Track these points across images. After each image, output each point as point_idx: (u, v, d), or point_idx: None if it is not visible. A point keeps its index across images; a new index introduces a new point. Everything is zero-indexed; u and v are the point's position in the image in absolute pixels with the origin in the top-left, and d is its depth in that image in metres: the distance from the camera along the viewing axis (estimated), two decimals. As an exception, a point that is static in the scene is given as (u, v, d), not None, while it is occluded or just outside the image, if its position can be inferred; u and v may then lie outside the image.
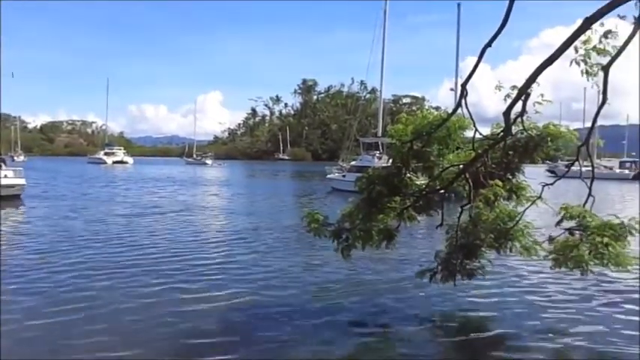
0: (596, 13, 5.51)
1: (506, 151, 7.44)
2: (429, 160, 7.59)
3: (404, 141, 7.46)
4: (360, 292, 9.56)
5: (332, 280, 10.36)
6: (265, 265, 11.74)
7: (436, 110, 9.30)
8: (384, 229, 7.76)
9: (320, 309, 8.51)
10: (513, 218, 7.36)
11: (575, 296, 9.46)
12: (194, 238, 15.31)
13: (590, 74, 6.02)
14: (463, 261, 7.73)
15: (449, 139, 7.51)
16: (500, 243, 7.40)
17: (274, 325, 7.70)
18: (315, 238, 7.98)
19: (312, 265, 11.70)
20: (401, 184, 7.59)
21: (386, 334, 7.59)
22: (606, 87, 6.13)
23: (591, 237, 6.90)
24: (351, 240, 7.71)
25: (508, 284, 10.21)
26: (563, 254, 7.21)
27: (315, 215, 7.71)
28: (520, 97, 6.36)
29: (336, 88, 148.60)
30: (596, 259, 6.91)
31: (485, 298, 9.20)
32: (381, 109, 44.77)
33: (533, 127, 7.31)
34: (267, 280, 10.38)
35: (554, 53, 5.80)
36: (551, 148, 7.37)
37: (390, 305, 8.82)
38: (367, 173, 7.87)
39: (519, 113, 6.77)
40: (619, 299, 9.36)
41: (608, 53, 5.87)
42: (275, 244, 14.63)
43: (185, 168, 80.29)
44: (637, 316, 8.43)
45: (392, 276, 10.83)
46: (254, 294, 9.29)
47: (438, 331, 7.97)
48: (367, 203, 7.48)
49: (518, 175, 7.74)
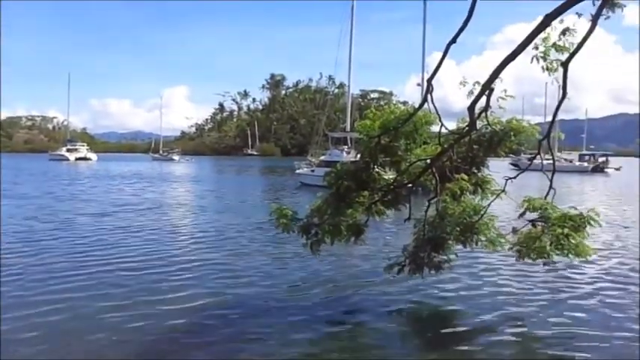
0: (556, 10, 5.67)
1: (472, 146, 7.60)
2: (396, 155, 7.65)
3: (371, 136, 7.50)
4: (328, 288, 9.58)
5: (300, 277, 10.35)
6: (234, 262, 11.62)
7: (403, 105, 9.38)
8: (352, 224, 7.80)
9: (289, 306, 8.47)
10: (478, 212, 7.52)
11: (539, 287, 9.72)
12: (164, 237, 15.01)
13: (550, 70, 6.20)
14: (430, 254, 7.86)
15: (416, 134, 7.59)
16: (466, 236, 7.55)
17: (243, 323, 7.63)
18: (284, 233, 7.98)
19: (280, 262, 11.65)
20: (369, 179, 7.64)
21: (354, 329, 7.59)
22: (565, 82, 6.33)
23: (552, 228, 7.13)
24: (320, 235, 7.72)
25: (474, 276, 10.42)
26: (526, 246, 7.43)
27: (284, 211, 7.68)
28: (484, 93, 6.50)
29: (304, 83, 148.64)
30: (558, 250, 7.16)
31: (452, 290, 9.36)
32: (350, 104, 44.94)
33: (497, 122, 7.48)
34: (236, 277, 10.28)
35: (515, 49, 5.94)
36: (514, 143, 7.56)
37: (358, 300, 8.87)
38: (336, 168, 7.88)
39: (483, 108, 6.93)
40: (581, 288, 9.69)
41: (566, 50, 6.05)
42: (244, 240, 14.51)
43: (151, 164, 78.75)
44: (602, 305, 8.75)
45: (361, 270, 10.90)
46: (223, 292, 9.18)
47: (406, 324, 8.07)
48: (336, 198, 7.50)
49: (483, 169, 7.91)
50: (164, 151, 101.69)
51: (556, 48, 6.21)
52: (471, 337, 7.25)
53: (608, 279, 10.35)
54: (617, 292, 9.43)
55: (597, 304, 8.73)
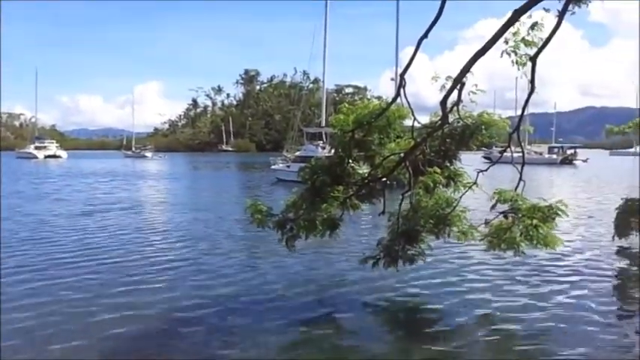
0: (524, 5, 5.79)
1: (444, 139, 7.70)
2: (370, 149, 7.70)
3: (345, 131, 7.53)
4: (304, 284, 9.61)
5: (277, 273, 10.35)
6: (210, 261, 11.54)
7: (378, 100, 9.44)
8: (327, 219, 7.84)
9: (265, 304, 8.45)
10: (451, 204, 7.65)
11: (510, 278, 9.95)
12: (141, 236, 14.72)
13: (519, 64, 6.33)
14: (405, 247, 7.96)
15: (389, 128, 7.65)
16: (439, 228, 7.67)
17: (219, 323, 7.59)
18: (260, 230, 7.97)
19: (256, 259, 11.63)
20: (344, 174, 7.69)
21: (330, 325, 7.63)
22: (534, 76, 6.48)
23: (522, 219, 7.30)
24: (295, 230, 7.74)
25: (447, 267, 10.59)
26: (497, 237, 7.60)
27: (259, 206, 7.67)
28: (455, 87, 6.59)
29: (278, 78, 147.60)
30: (527, 241, 7.33)
31: (427, 284, 9.50)
32: (324, 99, 44.95)
33: (468, 116, 7.60)
34: (212, 276, 10.20)
35: (486, 44, 6.05)
36: (486, 136, 7.69)
37: (334, 295, 8.92)
38: (310, 163, 7.90)
39: (455, 102, 7.03)
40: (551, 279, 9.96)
41: (535, 44, 6.19)
42: (220, 238, 14.40)
43: (124, 161, 77.30)
44: (570, 297, 9.00)
45: (337, 265, 10.96)
46: (199, 291, 9.11)
47: (382, 319, 8.15)
48: (311, 193, 7.52)
49: (456, 162, 8.03)
50: (136, 148, 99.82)
51: (525, 43, 6.34)
52: (447, 330, 7.37)
53: (575, 269, 10.67)
54: (585, 283, 9.74)
55: (566, 293, 9.00)
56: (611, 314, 8.04)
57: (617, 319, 7.87)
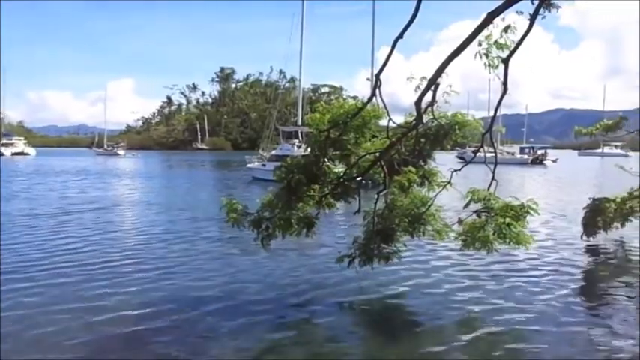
0: (497, 8, 5.90)
1: (419, 139, 7.81)
2: (346, 149, 7.74)
3: (321, 130, 7.55)
4: (280, 283, 9.57)
5: (252, 272, 10.28)
6: (186, 260, 11.37)
7: (354, 99, 9.49)
8: (303, 217, 7.85)
9: (240, 303, 8.37)
10: (426, 203, 7.74)
11: (483, 276, 10.12)
12: (114, 235, 14.44)
13: (492, 66, 6.44)
14: (380, 245, 8.02)
15: (365, 128, 7.70)
16: (414, 227, 7.75)
17: (194, 323, 7.50)
18: (236, 229, 7.91)
19: (232, 258, 11.53)
20: (319, 173, 7.71)
21: (307, 325, 7.62)
22: (506, 78, 6.61)
23: (495, 218, 7.43)
24: (270, 229, 7.72)
25: (422, 266, 10.70)
26: (471, 235, 7.70)
27: (234, 205, 7.62)
28: (430, 88, 6.68)
29: (254, 77, 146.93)
30: (500, 239, 7.46)
31: (402, 280, 9.59)
32: (301, 98, 44.90)
33: (442, 116, 7.71)
34: (187, 276, 10.07)
35: (459, 46, 6.15)
36: (459, 136, 7.82)
37: (310, 294, 8.91)
38: (286, 162, 7.89)
39: (430, 103, 7.13)
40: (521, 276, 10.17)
41: (507, 47, 6.31)
42: (196, 237, 14.23)
43: (95, 159, 75.70)
44: (541, 295, 9.21)
45: (312, 264, 10.96)
46: (174, 291, 9.00)
47: (358, 318, 8.15)
48: (286, 192, 7.51)
49: (430, 161, 8.15)
50: (109, 145, 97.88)
51: (497, 45, 6.47)
52: (422, 329, 7.44)
53: (546, 266, 10.91)
54: (556, 280, 9.97)
55: (537, 291, 9.19)
56: (581, 311, 8.25)
57: (586, 316, 8.07)
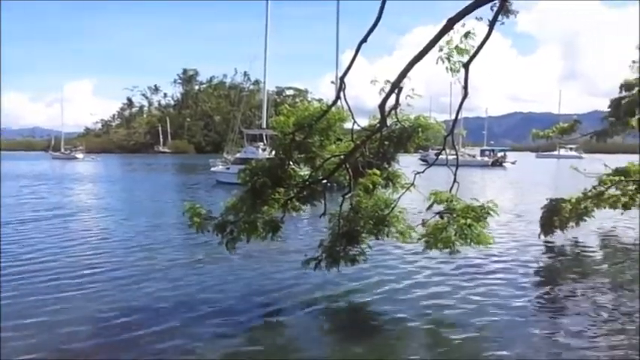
0: (458, 14, 6.04)
1: (383, 142, 7.89)
2: (310, 151, 7.75)
3: (286, 133, 7.53)
4: (246, 288, 9.49)
5: (217, 276, 10.17)
6: (149, 267, 11.13)
7: (319, 102, 9.53)
8: (269, 221, 7.80)
9: (206, 309, 8.24)
10: (390, 205, 7.83)
11: (446, 276, 10.32)
12: (74, 242, 13.95)
13: (453, 71, 6.58)
14: (346, 247, 8.06)
15: (329, 131, 7.74)
16: (378, 229, 7.84)
17: (159, 330, 7.33)
18: (201, 233, 7.79)
19: (196, 264, 11.34)
20: (284, 175, 7.68)
21: (273, 329, 7.59)
22: (467, 82, 6.77)
23: (457, 219, 7.58)
24: (235, 233, 7.64)
25: (386, 267, 10.82)
26: (433, 236, 7.83)
27: (197, 209, 7.51)
28: (393, 91, 6.77)
29: (218, 79, 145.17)
30: (462, 239, 7.62)
31: (367, 281, 9.66)
32: (265, 101, 44.67)
33: (406, 119, 7.83)
34: (151, 282, 9.86)
35: (421, 51, 6.26)
36: (422, 139, 7.96)
37: (277, 299, 8.87)
38: (250, 165, 7.84)
39: (393, 106, 7.21)
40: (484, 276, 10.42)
41: (467, 52, 6.46)
42: (158, 243, 13.93)
43: (53, 163, 73.04)
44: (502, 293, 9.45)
45: (278, 267, 10.90)
46: (138, 298, 8.81)
47: (324, 321, 8.15)
48: (251, 195, 7.46)
49: (394, 163, 8.25)
50: (66, 148, 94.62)
51: (458, 50, 6.62)
52: (386, 330, 7.52)
53: (506, 265, 11.23)
54: (515, 279, 10.28)
55: (498, 289, 9.44)
56: (538, 308, 8.52)
57: (543, 313, 8.33)
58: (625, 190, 13.37)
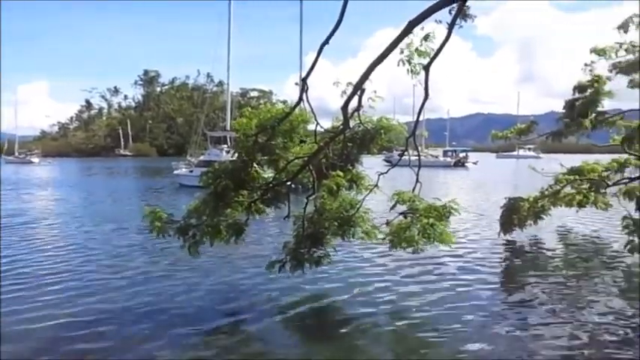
0: (417, 17, 6.12)
1: (346, 143, 7.94)
2: (274, 153, 7.72)
3: (249, 135, 7.47)
4: (211, 291, 9.35)
5: (181, 281, 9.96)
6: (111, 272, 10.80)
7: (283, 104, 9.49)
8: (232, 224, 7.72)
9: (169, 313, 8.10)
10: (354, 206, 7.88)
11: (410, 275, 10.45)
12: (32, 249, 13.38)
13: (413, 73, 6.68)
14: (311, 249, 8.06)
15: (293, 133, 7.72)
16: (343, 230, 7.87)
17: (124, 337, 7.15)
18: (163, 238, 7.63)
19: (160, 268, 11.10)
20: (248, 178, 7.62)
21: (239, 332, 7.48)
22: (427, 84, 6.88)
23: (420, 219, 7.70)
24: (198, 236, 7.52)
25: (351, 268, 10.87)
26: (397, 236, 7.94)
27: (158, 213, 7.35)
28: (355, 93, 6.81)
29: (181, 80, 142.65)
30: (425, 238, 7.74)
31: (332, 283, 9.68)
32: (229, 102, 44.23)
33: (368, 121, 7.90)
34: (111, 288, 9.58)
35: (382, 53, 6.32)
36: (385, 140, 8.05)
37: (240, 301, 8.78)
38: (213, 167, 7.73)
39: (356, 108, 7.26)
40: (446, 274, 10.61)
41: (427, 54, 6.57)
42: (120, 248, 13.56)
43: (6, 168, 70.05)
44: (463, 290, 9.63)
45: (243, 271, 10.78)
46: (99, 304, 8.55)
47: (289, 321, 8.10)
48: (214, 198, 7.36)
49: (358, 165, 8.31)
50: (20, 152, 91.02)
51: (418, 53, 6.72)
52: (352, 330, 7.50)
53: (467, 264, 11.46)
54: (477, 276, 10.50)
55: (460, 287, 9.63)
56: (499, 305, 8.72)
57: (504, 309, 8.52)
58: (579, 188, 13.87)
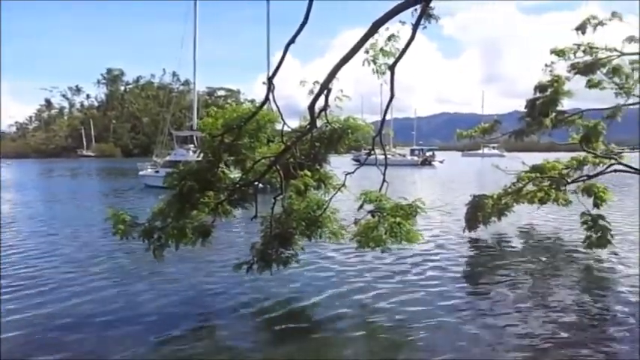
0: (382, 18, 6.15)
1: (313, 143, 7.92)
2: (240, 153, 7.63)
3: (214, 134, 7.36)
4: (177, 294, 9.17)
5: (147, 285, 9.76)
6: (74, 276, 10.50)
7: (251, 103, 9.39)
8: (198, 226, 7.60)
9: (134, 317, 7.93)
10: (322, 206, 7.86)
11: (379, 274, 10.52)
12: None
13: (379, 72, 6.71)
14: (278, 250, 8.00)
15: (260, 132, 7.65)
16: (311, 230, 7.84)
17: (88, 342, 6.96)
18: (127, 240, 7.44)
19: (125, 272, 10.84)
20: (214, 179, 7.51)
21: (207, 334, 7.41)
22: (393, 84, 6.93)
23: (387, 218, 7.76)
24: (163, 239, 7.37)
25: (319, 268, 10.86)
26: (365, 235, 7.97)
27: (122, 215, 7.16)
28: (322, 92, 6.79)
29: (146, 79, 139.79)
30: (392, 237, 7.80)
31: (299, 283, 9.65)
32: (196, 102, 43.58)
33: (336, 120, 7.89)
34: (75, 292, 9.29)
35: (348, 53, 6.33)
36: (352, 140, 8.05)
37: (208, 303, 8.66)
38: (178, 168, 7.59)
39: (323, 107, 7.25)
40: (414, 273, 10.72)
41: (392, 55, 6.61)
42: (83, 251, 13.19)
43: (-40, 170, 67.15)
44: (431, 288, 9.75)
45: (210, 273, 10.64)
46: (63, 309, 8.31)
47: (257, 322, 8.03)
48: (179, 199, 7.22)
49: (325, 165, 8.30)
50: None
51: (384, 53, 6.76)
52: (319, 331, 7.52)
53: (434, 261, 11.63)
54: (443, 274, 10.66)
55: (427, 285, 9.75)
56: (465, 302, 8.87)
57: (470, 306, 8.65)
58: (541, 186, 14.25)
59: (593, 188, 13.34)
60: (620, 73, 12.07)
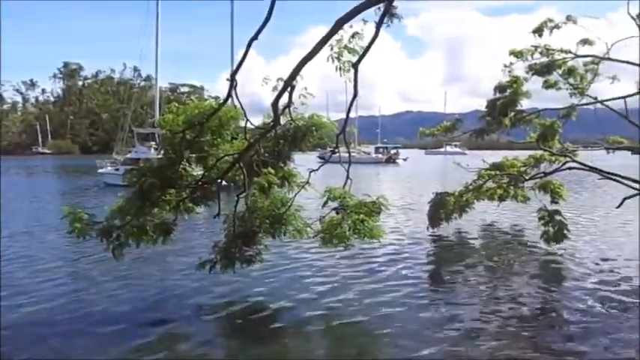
0: (345, 15, 6.16)
1: (277, 140, 7.86)
2: (203, 150, 7.50)
3: (175, 131, 7.21)
4: (138, 295, 8.98)
5: (108, 286, 9.50)
6: (29, 278, 10.11)
7: (215, 100, 9.28)
8: (159, 224, 7.44)
9: (94, 321, 7.68)
10: (286, 204, 7.82)
11: (342, 271, 10.57)
12: None
13: (343, 70, 6.71)
14: (242, 248, 7.92)
15: (222, 129, 7.54)
16: (275, 228, 7.79)
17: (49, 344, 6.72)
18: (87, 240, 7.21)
19: (83, 273, 10.51)
20: (175, 176, 7.36)
21: (170, 336, 7.25)
22: (356, 82, 6.95)
23: (350, 215, 7.79)
24: (123, 238, 7.17)
25: (283, 266, 10.83)
26: (329, 233, 7.98)
27: (78, 214, 6.93)
28: (285, 89, 6.75)
29: (105, 74, 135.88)
30: (355, 234, 7.84)
31: (263, 282, 9.60)
32: (158, 98, 42.64)
33: (300, 118, 7.86)
34: (30, 295, 8.93)
35: (312, 50, 6.31)
36: (316, 137, 8.04)
37: (169, 303, 8.51)
38: (138, 165, 7.40)
39: (286, 105, 7.20)
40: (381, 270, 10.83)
41: (356, 52, 6.63)
42: (39, 253, 12.69)
43: None
44: (394, 285, 9.86)
45: (172, 272, 10.46)
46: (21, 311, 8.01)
47: (220, 322, 7.94)
48: (139, 197, 7.05)
49: (289, 162, 8.25)
50: None
51: (348, 50, 6.76)
52: (285, 331, 7.49)
53: (397, 258, 11.77)
54: (406, 271, 10.81)
55: (390, 282, 9.87)
56: (426, 298, 9.01)
57: (432, 303, 8.79)
58: (500, 183, 14.64)
59: (550, 185, 13.80)
60: (574, 74, 12.50)
